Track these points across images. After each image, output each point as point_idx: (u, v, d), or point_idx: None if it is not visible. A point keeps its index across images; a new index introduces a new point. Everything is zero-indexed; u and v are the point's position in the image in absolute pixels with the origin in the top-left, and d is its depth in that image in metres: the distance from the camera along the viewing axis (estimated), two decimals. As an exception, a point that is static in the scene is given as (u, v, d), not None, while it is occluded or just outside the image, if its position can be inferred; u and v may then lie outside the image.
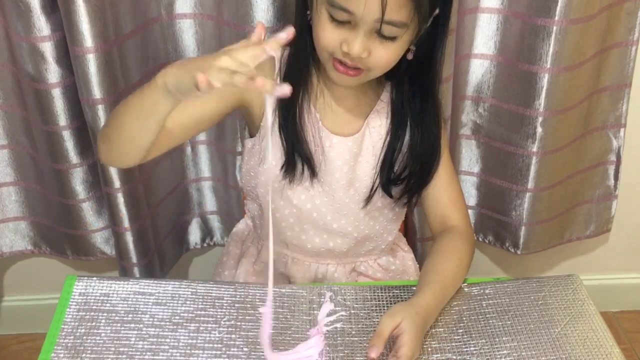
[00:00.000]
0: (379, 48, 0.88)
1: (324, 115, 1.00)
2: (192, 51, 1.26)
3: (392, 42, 0.88)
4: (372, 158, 1.01)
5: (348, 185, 1.02)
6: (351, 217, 1.04)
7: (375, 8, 0.83)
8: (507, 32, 1.24)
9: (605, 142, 1.41)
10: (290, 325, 0.90)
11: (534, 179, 1.34)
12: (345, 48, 0.87)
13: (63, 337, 0.86)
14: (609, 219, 1.51)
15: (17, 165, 1.37)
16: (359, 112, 1.01)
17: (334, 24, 0.87)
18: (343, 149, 1.00)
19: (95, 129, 1.18)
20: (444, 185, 1.03)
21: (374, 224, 1.07)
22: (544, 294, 0.95)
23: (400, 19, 0.85)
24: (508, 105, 1.30)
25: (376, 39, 0.87)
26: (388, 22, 0.85)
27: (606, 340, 0.88)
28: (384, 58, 0.89)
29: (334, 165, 1.00)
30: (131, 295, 0.92)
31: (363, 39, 0.86)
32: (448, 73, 1.21)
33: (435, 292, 0.91)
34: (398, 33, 0.87)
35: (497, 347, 0.87)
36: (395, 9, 0.84)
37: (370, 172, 1.02)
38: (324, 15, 0.88)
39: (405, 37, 0.89)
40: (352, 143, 1.00)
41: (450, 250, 0.99)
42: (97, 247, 1.42)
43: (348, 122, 1.01)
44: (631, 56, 1.31)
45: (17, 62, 1.20)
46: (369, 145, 1.01)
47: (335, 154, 1.00)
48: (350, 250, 1.08)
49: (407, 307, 0.87)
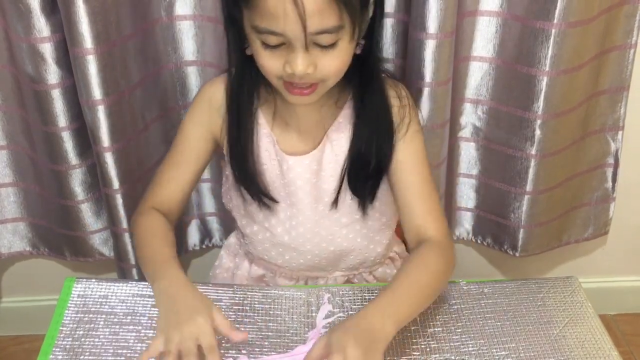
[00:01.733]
0: (323, 58, 0.85)
1: (282, 138, 0.99)
2: (192, 53, 1.26)
3: (334, 47, 0.85)
4: (337, 169, 0.99)
5: (314, 201, 1.01)
6: (323, 233, 1.03)
7: (298, 23, 0.80)
8: (506, 35, 1.24)
9: (604, 144, 1.41)
10: (289, 327, 0.90)
11: (533, 182, 1.34)
12: (289, 69, 0.85)
13: (61, 339, 0.86)
14: (607, 222, 1.51)
15: (15, 166, 1.37)
16: (320, 126, 0.99)
17: (270, 49, 0.85)
18: (301, 168, 0.99)
19: (95, 130, 1.18)
20: (417, 193, 0.97)
21: (355, 237, 1.04)
22: (543, 295, 0.95)
23: (330, 24, 0.82)
24: (507, 108, 1.30)
25: (317, 50, 0.84)
26: (319, 31, 0.82)
27: (604, 343, 0.88)
28: (332, 66, 0.87)
29: (295, 186, 1.00)
30: (130, 297, 0.92)
31: (303, 55, 0.84)
32: (447, 76, 1.21)
33: (382, 301, 0.83)
34: (335, 38, 0.84)
35: (496, 348, 0.87)
36: (318, 17, 0.80)
37: (335, 184, 1.00)
38: (257, 44, 0.86)
39: (346, 37, 0.85)
40: (310, 160, 0.99)
41: (419, 261, 0.91)
42: (96, 248, 1.41)
43: (308, 139, 0.99)
44: (629, 59, 1.31)
45: (17, 63, 1.20)
46: (331, 157, 0.99)
47: (294, 174, 0.99)
48: (332, 264, 1.07)
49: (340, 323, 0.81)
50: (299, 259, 1.06)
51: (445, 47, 1.16)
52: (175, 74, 1.28)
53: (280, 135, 1.00)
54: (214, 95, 1.00)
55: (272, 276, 1.10)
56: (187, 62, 1.27)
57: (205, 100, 1.01)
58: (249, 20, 0.85)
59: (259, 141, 0.99)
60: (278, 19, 0.81)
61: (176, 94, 1.31)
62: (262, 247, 1.06)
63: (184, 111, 1.33)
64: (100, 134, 1.18)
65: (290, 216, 1.02)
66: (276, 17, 0.81)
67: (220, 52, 1.23)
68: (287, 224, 1.03)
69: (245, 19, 0.87)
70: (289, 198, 1.01)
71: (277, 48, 0.85)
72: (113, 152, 1.20)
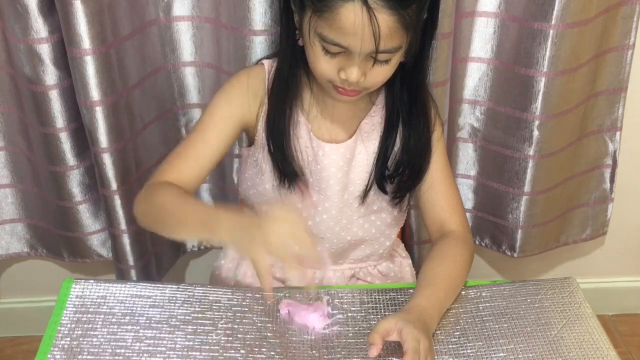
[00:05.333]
0: (375, 70, 0.90)
1: (317, 125, 1.02)
2: (190, 54, 1.26)
3: (388, 63, 0.90)
4: (365, 161, 1.03)
5: (342, 190, 1.03)
6: (344, 221, 1.05)
7: (368, 43, 0.84)
8: (504, 36, 1.25)
9: (601, 145, 1.42)
10: (288, 328, 0.90)
11: (531, 182, 1.34)
12: (343, 76, 0.90)
13: (60, 339, 0.86)
14: (605, 222, 1.51)
15: (13, 167, 1.37)
16: (353, 118, 1.03)
17: (329, 55, 0.89)
18: (336, 155, 1.02)
19: (93, 131, 1.18)
20: (441, 189, 1.04)
21: (370, 227, 1.08)
22: (541, 296, 0.95)
23: (394, 45, 0.87)
24: (505, 109, 1.30)
25: (371, 62, 0.88)
26: (382, 51, 0.86)
27: (602, 343, 0.88)
28: (380, 77, 0.92)
29: (328, 172, 1.02)
30: (128, 297, 0.92)
31: (359, 66, 0.88)
32: (445, 76, 1.21)
33: (426, 294, 0.90)
34: (393, 56, 0.89)
35: (494, 350, 0.87)
36: (387, 39, 0.85)
37: (364, 175, 1.03)
38: (317, 47, 0.89)
39: (400, 54, 0.90)
40: (345, 149, 1.02)
41: (446, 253, 0.99)
42: (94, 249, 1.41)
43: (341, 129, 1.02)
44: (627, 60, 1.32)
45: (15, 63, 1.20)
46: (362, 149, 1.02)
47: (329, 161, 1.02)
48: (343, 254, 1.09)
49: (398, 312, 0.88)
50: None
51: (443, 47, 1.16)
52: (173, 74, 1.28)
53: (315, 123, 1.02)
54: (253, 82, 1.02)
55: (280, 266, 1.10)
56: (185, 63, 1.27)
57: (243, 84, 1.02)
58: (315, 25, 0.87)
59: (296, 128, 1.01)
60: (349, 35, 0.84)
61: (174, 94, 1.31)
62: None
63: (182, 112, 1.33)
64: (98, 134, 1.18)
65: (316, 202, 1.04)
66: (348, 34, 0.84)
67: (218, 53, 1.23)
68: (312, 209, 1.04)
69: (309, 21, 0.88)
70: (319, 184, 1.03)
71: (336, 55, 0.89)
72: (111, 153, 1.20)
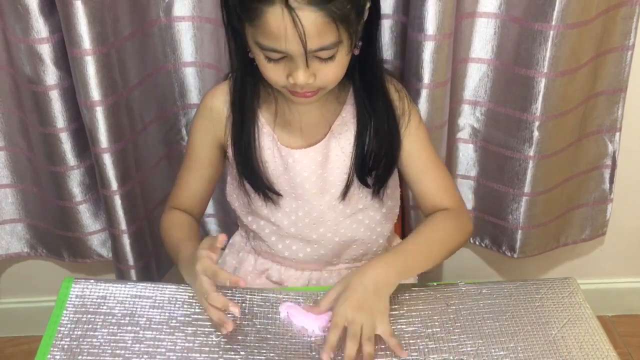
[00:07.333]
0: (323, 69, 0.90)
1: (285, 133, 1.03)
2: (191, 54, 1.26)
3: (333, 59, 0.90)
4: (342, 161, 1.03)
5: (320, 193, 1.04)
6: (329, 223, 1.06)
7: (299, 44, 0.85)
8: (504, 37, 1.25)
9: (601, 146, 1.42)
10: (287, 330, 0.90)
11: (531, 183, 1.34)
12: (292, 80, 0.90)
13: (59, 339, 0.86)
14: (604, 223, 1.51)
15: (13, 167, 1.37)
16: (324, 121, 1.03)
17: (273, 62, 0.90)
18: (307, 160, 1.02)
19: (93, 131, 1.18)
20: (430, 176, 1.05)
21: (359, 227, 1.08)
22: (541, 296, 0.95)
23: (330, 41, 0.86)
24: (505, 110, 1.30)
25: (317, 62, 0.89)
26: (318, 49, 0.87)
27: (602, 344, 0.88)
28: (330, 75, 0.92)
29: (302, 178, 1.03)
30: (128, 298, 0.92)
31: (304, 68, 0.89)
32: (445, 77, 1.21)
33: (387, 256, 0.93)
34: (334, 52, 0.89)
35: (494, 348, 0.87)
36: (318, 36, 0.85)
37: (342, 175, 1.03)
38: (260, 56, 0.91)
39: (344, 49, 0.89)
40: (315, 152, 1.02)
41: (428, 220, 1.02)
42: (94, 249, 1.41)
43: (312, 134, 1.03)
44: (627, 61, 1.32)
45: (15, 63, 1.20)
46: (338, 150, 1.03)
47: (301, 167, 1.03)
48: (336, 255, 1.10)
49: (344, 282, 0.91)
50: (306, 249, 1.08)
51: (444, 48, 1.16)
52: (174, 75, 1.29)
53: (282, 133, 1.03)
54: (215, 105, 1.05)
55: (277, 269, 1.12)
56: (186, 63, 1.27)
57: (207, 110, 1.06)
58: (252, 35, 0.89)
59: (261, 140, 1.02)
60: (280, 39, 0.85)
61: (175, 95, 1.31)
62: (269, 240, 1.09)
63: (183, 112, 1.34)
64: (99, 135, 1.18)
65: (296, 208, 1.05)
66: (278, 38, 0.85)
67: (219, 54, 1.23)
68: (292, 216, 1.06)
69: (248, 33, 0.90)
70: (294, 191, 1.04)
71: (280, 61, 0.90)
72: (111, 153, 1.20)
